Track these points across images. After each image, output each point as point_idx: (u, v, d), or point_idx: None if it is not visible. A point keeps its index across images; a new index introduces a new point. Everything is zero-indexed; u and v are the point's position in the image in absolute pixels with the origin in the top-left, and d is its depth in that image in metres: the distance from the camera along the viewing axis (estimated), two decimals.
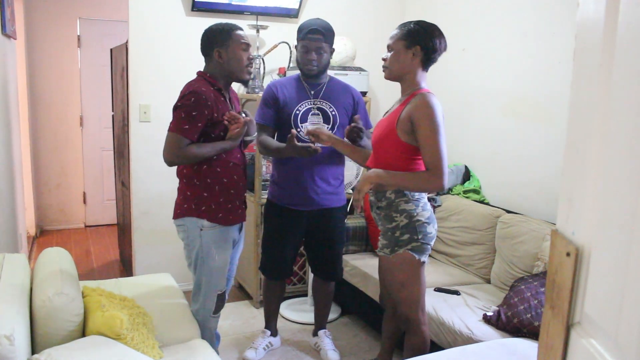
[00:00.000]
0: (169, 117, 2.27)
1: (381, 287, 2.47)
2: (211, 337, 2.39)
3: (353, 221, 3.40)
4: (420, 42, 2.08)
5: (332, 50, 2.65)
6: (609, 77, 0.68)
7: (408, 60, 2.11)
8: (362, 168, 3.27)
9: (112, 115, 4.43)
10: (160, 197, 3.53)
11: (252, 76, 3.62)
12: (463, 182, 3.52)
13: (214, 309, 2.35)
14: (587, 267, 0.72)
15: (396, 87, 2.27)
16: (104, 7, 5.15)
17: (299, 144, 2.40)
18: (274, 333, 3.01)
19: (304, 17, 3.75)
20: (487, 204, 3.29)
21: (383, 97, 4.12)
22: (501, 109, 3.28)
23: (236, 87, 3.71)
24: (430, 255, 3.39)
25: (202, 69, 2.31)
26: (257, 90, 3.54)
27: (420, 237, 2.13)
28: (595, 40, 0.72)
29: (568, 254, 0.74)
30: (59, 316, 1.73)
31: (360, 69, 3.64)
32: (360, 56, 3.86)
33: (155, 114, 3.52)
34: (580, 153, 0.76)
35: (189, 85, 2.20)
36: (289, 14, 3.75)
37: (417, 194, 2.13)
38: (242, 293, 3.76)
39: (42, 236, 5.18)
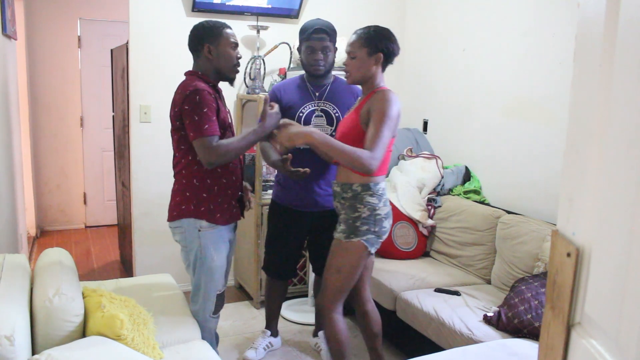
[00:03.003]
0: (168, 117, 2.26)
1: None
2: (211, 337, 2.39)
3: None
4: (382, 49, 2.19)
5: (335, 50, 2.65)
6: (609, 78, 0.68)
7: (371, 66, 2.21)
8: None
9: (113, 116, 4.43)
10: (160, 198, 3.53)
11: (252, 77, 3.63)
12: (463, 183, 3.52)
13: (214, 309, 2.35)
14: (587, 267, 0.72)
15: (397, 88, 2.28)
16: (104, 7, 5.15)
17: (291, 168, 2.39)
18: (275, 333, 3.01)
19: (304, 18, 3.75)
20: (488, 204, 3.29)
21: None
22: (501, 109, 3.28)
23: (235, 88, 3.71)
24: (430, 256, 3.41)
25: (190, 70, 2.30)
26: (257, 90, 3.54)
27: (377, 229, 2.23)
28: (595, 40, 0.72)
29: (569, 255, 0.74)
30: (59, 317, 1.73)
31: None
32: None
33: (156, 115, 3.52)
34: (580, 153, 0.76)
35: (186, 85, 2.17)
36: (289, 14, 3.75)
37: (380, 189, 2.23)
38: (242, 294, 3.76)
39: (43, 237, 5.18)
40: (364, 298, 2.50)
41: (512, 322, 2.32)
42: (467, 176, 3.53)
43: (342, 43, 3.61)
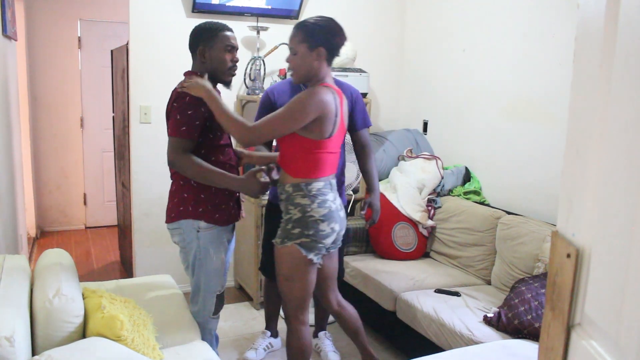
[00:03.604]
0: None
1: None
2: (211, 338, 2.39)
3: (354, 222, 3.40)
4: (323, 43, 2.06)
5: None
6: (609, 79, 0.68)
7: (313, 61, 2.08)
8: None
9: (113, 117, 4.43)
10: (160, 199, 3.52)
11: (252, 77, 3.63)
12: (463, 184, 3.52)
13: (214, 309, 2.35)
14: (587, 268, 0.72)
15: (397, 88, 2.27)
16: (104, 8, 5.16)
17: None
18: (275, 334, 3.01)
19: (304, 18, 3.75)
20: (488, 205, 3.29)
21: (383, 99, 4.12)
22: (501, 110, 3.28)
23: (235, 89, 3.71)
24: (430, 257, 3.41)
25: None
26: (257, 91, 3.54)
27: (310, 232, 2.10)
28: (595, 41, 0.72)
29: (568, 255, 0.74)
30: (59, 317, 1.73)
31: (360, 71, 3.64)
32: (361, 57, 3.86)
33: (156, 115, 3.52)
34: (580, 154, 0.76)
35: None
36: (289, 15, 3.75)
37: (314, 190, 2.11)
38: (242, 294, 3.76)
39: (43, 237, 5.18)
40: (330, 301, 2.44)
41: (512, 323, 2.32)
42: (467, 177, 3.53)
43: None
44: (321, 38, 2.06)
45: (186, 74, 2.28)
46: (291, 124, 2.02)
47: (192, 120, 2.10)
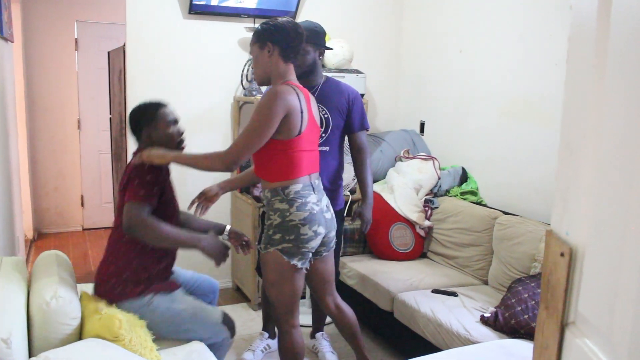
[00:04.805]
0: None
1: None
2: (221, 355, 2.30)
3: (352, 223, 3.40)
4: (268, 39, 2.10)
5: (320, 51, 2.63)
6: (602, 78, 0.68)
7: (266, 59, 2.12)
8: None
9: (110, 118, 4.43)
10: None
11: (249, 79, 3.63)
12: (460, 184, 3.53)
13: (229, 334, 2.25)
14: (581, 267, 0.72)
15: (394, 89, 2.27)
16: (101, 10, 5.15)
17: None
18: (272, 335, 3.00)
19: (300, 19, 3.76)
20: (485, 205, 3.29)
21: (380, 99, 4.13)
22: (498, 110, 3.29)
23: (232, 90, 3.71)
24: (427, 257, 3.41)
25: (139, 144, 2.21)
26: (254, 93, 3.54)
27: (292, 237, 2.08)
28: (588, 41, 0.72)
29: (562, 254, 0.75)
30: (56, 319, 1.73)
31: (357, 71, 3.64)
32: (358, 58, 3.87)
33: None
34: (574, 154, 0.76)
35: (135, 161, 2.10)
36: (287, 16, 3.75)
37: (292, 193, 2.08)
38: (240, 295, 3.76)
39: (40, 239, 5.17)
40: (328, 305, 2.44)
41: (509, 323, 2.33)
42: (464, 177, 3.53)
43: (338, 45, 3.62)
44: (268, 35, 2.10)
45: (135, 153, 2.19)
46: (264, 132, 2.01)
47: (152, 186, 2.02)
